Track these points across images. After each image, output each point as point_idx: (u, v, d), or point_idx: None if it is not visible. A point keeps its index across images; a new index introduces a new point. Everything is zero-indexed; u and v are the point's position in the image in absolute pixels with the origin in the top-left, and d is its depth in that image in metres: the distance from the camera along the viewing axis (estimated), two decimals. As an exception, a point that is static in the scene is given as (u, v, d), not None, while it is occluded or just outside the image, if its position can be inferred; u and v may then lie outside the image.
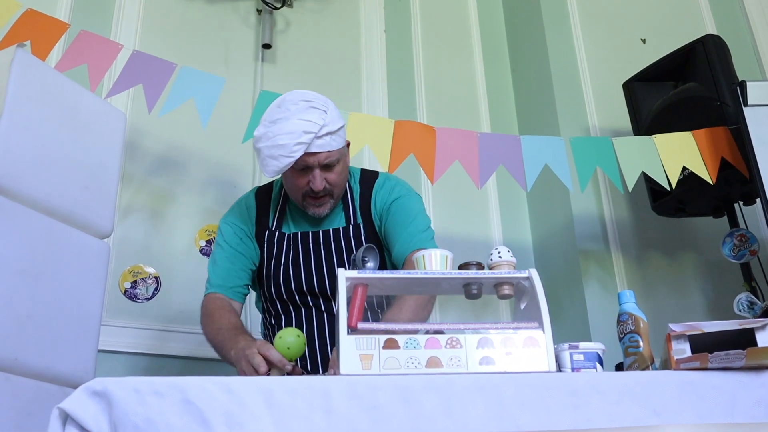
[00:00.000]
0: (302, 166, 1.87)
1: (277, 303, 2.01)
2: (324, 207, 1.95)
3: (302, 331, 1.65)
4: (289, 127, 1.80)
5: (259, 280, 2.06)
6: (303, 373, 1.66)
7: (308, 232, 2.00)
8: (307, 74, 3.26)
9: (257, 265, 2.05)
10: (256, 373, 1.58)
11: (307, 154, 1.83)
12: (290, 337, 1.58)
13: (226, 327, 1.88)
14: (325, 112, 1.84)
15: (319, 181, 1.88)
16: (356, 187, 2.07)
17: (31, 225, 1.75)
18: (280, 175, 1.92)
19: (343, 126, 1.92)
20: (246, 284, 2.05)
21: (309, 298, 1.97)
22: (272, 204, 2.09)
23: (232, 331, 1.85)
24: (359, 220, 2.01)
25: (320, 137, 1.83)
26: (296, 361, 1.71)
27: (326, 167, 1.89)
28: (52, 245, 1.80)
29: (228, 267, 2.02)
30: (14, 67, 1.77)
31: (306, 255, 1.98)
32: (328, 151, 1.86)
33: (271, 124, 1.84)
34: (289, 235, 2.01)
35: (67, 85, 1.94)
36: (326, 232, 2.00)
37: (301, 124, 1.80)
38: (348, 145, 2.00)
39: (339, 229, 2.00)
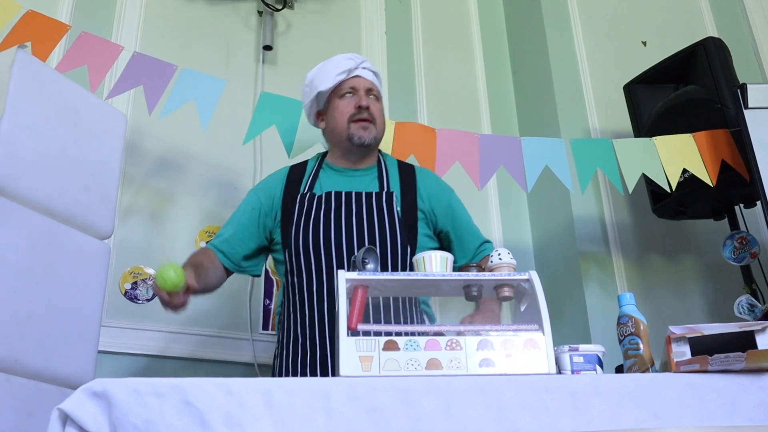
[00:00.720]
0: (348, 89, 2.08)
1: (302, 259, 1.96)
2: (369, 131, 2.06)
3: (329, 291, 1.87)
4: (335, 59, 2.11)
5: (286, 240, 2.02)
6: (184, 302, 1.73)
7: (341, 192, 2.03)
8: (308, 76, 3.26)
9: (268, 239, 2.08)
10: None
11: (353, 77, 2.08)
12: (170, 272, 1.64)
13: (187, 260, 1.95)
14: (365, 60, 2.14)
15: (365, 99, 2.07)
16: (394, 167, 2.14)
17: (32, 226, 1.76)
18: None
19: (380, 85, 2.17)
20: (240, 257, 2.07)
21: (334, 253, 1.94)
22: (306, 172, 2.13)
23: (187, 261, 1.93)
24: (393, 189, 2.05)
25: (365, 68, 2.11)
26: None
27: (369, 93, 2.09)
28: (52, 246, 1.80)
29: (230, 235, 2.08)
30: (15, 68, 1.78)
31: (337, 211, 1.99)
32: (372, 82, 2.11)
33: (319, 65, 2.14)
34: (320, 195, 2.03)
35: (68, 87, 1.95)
36: (358, 194, 2.02)
37: (349, 54, 2.12)
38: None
39: (372, 193, 2.02)
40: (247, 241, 2.07)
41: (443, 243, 2.11)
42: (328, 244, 1.95)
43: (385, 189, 2.04)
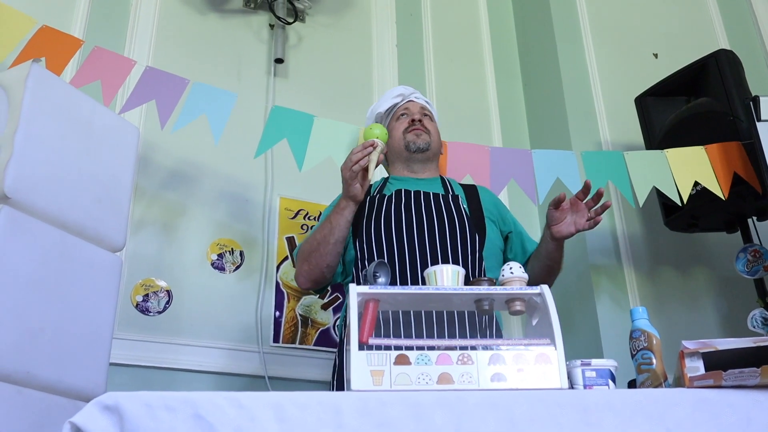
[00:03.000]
0: (403, 111, 2.26)
1: (374, 246, 2.02)
2: (422, 137, 2.20)
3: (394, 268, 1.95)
4: (391, 90, 2.35)
5: (357, 231, 2.07)
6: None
7: (410, 190, 2.13)
8: (320, 89, 3.27)
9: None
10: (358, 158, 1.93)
11: (408, 102, 2.28)
12: (375, 129, 1.96)
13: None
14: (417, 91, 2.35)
15: (418, 115, 2.24)
16: (456, 184, 2.24)
17: (44, 238, 1.76)
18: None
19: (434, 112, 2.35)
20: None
21: (406, 243, 2.00)
22: (375, 184, 2.23)
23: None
24: (458, 192, 2.15)
25: (417, 97, 2.32)
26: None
27: (422, 113, 2.26)
28: (64, 258, 1.81)
29: None
30: (29, 82, 1.79)
31: (408, 207, 2.07)
32: (425, 105, 2.31)
33: (378, 101, 2.34)
34: (390, 194, 2.13)
35: (82, 100, 1.96)
36: (426, 193, 2.11)
37: (400, 87, 2.35)
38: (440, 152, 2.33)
39: (438, 194, 2.12)
40: None
41: (506, 244, 2.21)
42: (399, 233, 2.02)
43: (451, 192, 2.14)
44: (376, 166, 1.95)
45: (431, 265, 1.72)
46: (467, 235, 2.02)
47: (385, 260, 1.96)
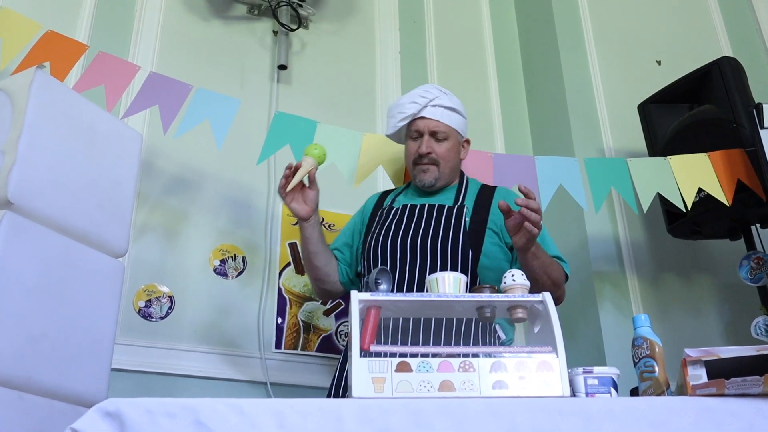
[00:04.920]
0: (414, 132, 2.16)
1: (372, 263, 2.09)
2: (428, 174, 2.14)
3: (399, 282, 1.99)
4: (411, 94, 2.18)
5: (364, 248, 2.16)
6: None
7: (416, 204, 2.15)
8: (323, 95, 3.28)
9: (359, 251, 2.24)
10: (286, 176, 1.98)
11: (418, 118, 2.14)
12: (314, 149, 1.98)
13: None
14: (445, 93, 2.19)
15: (425, 145, 2.12)
16: (475, 187, 2.21)
17: (47, 244, 1.77)
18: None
19: (461, 115, 2.20)
20: (354, 270, 2.24)
21: (399, 258, 2.05)
22: (393, 192, 2.32)
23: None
24: (466, 203, 2.13)
25: (434, 106, 2.14)
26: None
27: (435, 136, 2.14)
28: (67, 264, 1.81)
29: (341, 238, 2.31)
30: (33, 88, 1.80)
31: (408, 222, 2.10)
32: (438, 121, 2.13)
33: (391, 106, 2.23)
34: (397, 207, 2.17)
35: (85, 106, 1.97)
36: (431, 206, 2.12)
37: (420, 91, 2.17)
38: (468, 142, 2.27)
39: (444, 206, 2.12)
40: (345, 247, 2.28)
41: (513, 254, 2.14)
42: (394, 250, 2.06)
43: (458, 203, 2.13)
44: (311, 180, 2.04)
45: (424, 279, 1.73)
46: (458, 250, 2.02)
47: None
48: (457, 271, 1.92)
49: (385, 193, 2.34)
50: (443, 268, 1.97)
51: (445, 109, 2.15)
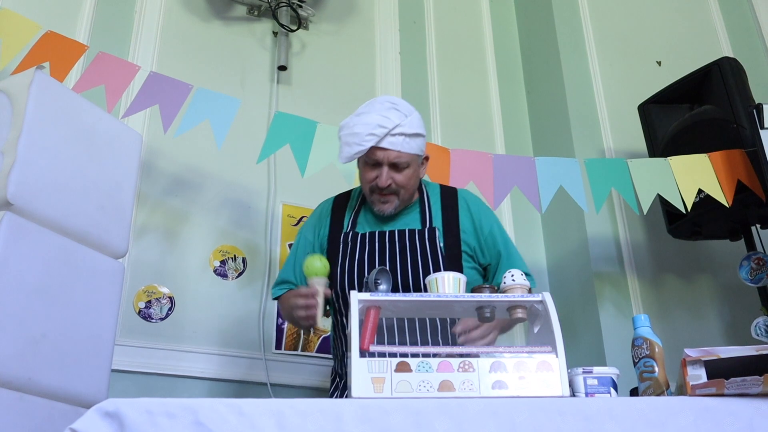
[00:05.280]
0: (373, 161, 1.95)
1: (349, 299, 1.97)
2: (388, 205, 2.00)
3: None
4: (367, 119, 1.92)
5: (333, 279, 2.01)
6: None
7: (384, 231, 2.03)
8: (323, 96, 3.28)
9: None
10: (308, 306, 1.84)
11: (377, 149, 1.92)
12: (316, 262, 1.84)
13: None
14: (406, 116, 1.94)
15: (385, 177, 1.95)
16: (436, 198, 2.10)
17: (47, 244, 1.77)
18: (351, 162, 2.00)
19: (422, 137, 1.98)
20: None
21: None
22: (348, 208, 2.14)
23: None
24: (436, 224, 2.03)
25: (393, 135, 1.91)
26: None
27: (395, 167, 1.95)
28: (67, 265, 1.81)
29: (296, 275, 2.14)
30: (33, 88, 1.80)
31: (381, 252, 1.99)
32: (399, 152, 1.93)
33: (356, 116, 1.96)
34: (363, 234, 2.04)
35: (85, 107, 1.97)
36: (401, 232, 2.01)
37: (378, 118, 1.91)
38: (426, 159, 2.08)
39: (414, 230, 2.01)
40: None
41: (487, 275, 2.07)
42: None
43: (428, 225, 2.02)
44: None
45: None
46: None
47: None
48: None
49: (340, 205, 2.17)
50: None
51: (407, 137, 1.92)
